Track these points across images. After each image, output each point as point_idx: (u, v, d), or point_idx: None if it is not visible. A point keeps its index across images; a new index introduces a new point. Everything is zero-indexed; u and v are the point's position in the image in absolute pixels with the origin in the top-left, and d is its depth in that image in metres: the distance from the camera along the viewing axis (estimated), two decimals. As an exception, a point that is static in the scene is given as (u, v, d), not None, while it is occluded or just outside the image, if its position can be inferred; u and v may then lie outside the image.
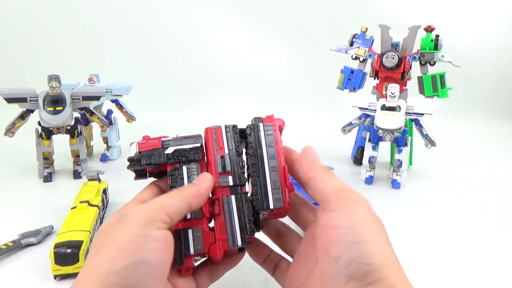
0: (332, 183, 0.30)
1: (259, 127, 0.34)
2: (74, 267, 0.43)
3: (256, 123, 0.35)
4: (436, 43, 0.76)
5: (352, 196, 0.29)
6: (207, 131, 0.36)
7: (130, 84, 0.89)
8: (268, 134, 0.34)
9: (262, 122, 0.35)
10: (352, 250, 0.25)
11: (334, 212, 0.28)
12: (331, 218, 0.28)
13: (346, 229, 0.26)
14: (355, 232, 0.26)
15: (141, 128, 1.16)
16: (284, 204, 0.32)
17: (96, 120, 0.81)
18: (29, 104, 0.74)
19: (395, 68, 0.76)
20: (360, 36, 0.82)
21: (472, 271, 0.47)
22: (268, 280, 0.45)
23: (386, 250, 0.26)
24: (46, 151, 0.76)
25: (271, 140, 0.34)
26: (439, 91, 0.77)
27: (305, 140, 1.11)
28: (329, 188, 0.30)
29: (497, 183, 0.80)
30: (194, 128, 0.35)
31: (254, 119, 0.35)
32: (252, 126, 0.34)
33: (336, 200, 0.28)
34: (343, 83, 0.82)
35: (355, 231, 0.26)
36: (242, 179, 0.33)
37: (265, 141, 0.34)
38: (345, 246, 0.26)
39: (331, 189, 0.29)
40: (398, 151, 0.74)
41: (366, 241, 0.26)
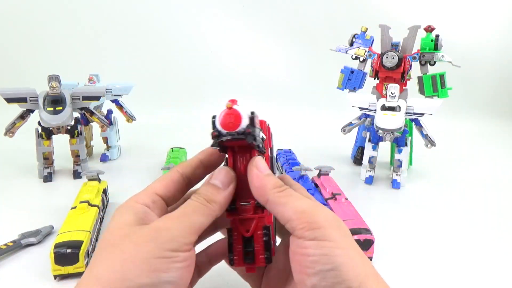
0: (291, 205, 0.27)
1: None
2: (74, 267, 0.43)
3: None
4: (436, 43, 0.76)
5: (316, 218, 0.26)
6: (262, 123, 0.31)
7: (130, 84, 0.89)
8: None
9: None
10: (328, 277, 0.24)
11: (302, 239, 0.26)
12: (301, 246, 0.26)
13: (317, 257, 0.25)
14: (328, 259, 0.25)
15: (141, 128, 1.16)
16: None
17: (96, 120, 0.81)
18: (29, 104, 0.74)
19: (395, 68, 0.76)
20: (360, 36, 0.82)
21: (472, 271, 0.47)
22: (268, 280, 0.45)
23: (361, 268, 0.25)
24: (46, 151, 0.76)
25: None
26: (439, 91, 0.77)
27: (305, 140, 1.11)
28: (288, 213, 0.27)
29: (497, 183, 0.80)
30: (194, 128, 0.35)
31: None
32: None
33: (300, 227, 0.26)
34: (343, 83, 0.82)
35: (327, 258, 0.25)
36: None
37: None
38: (320, 275, 0.25)
39: (292, 214, 0.26)
40: (398, 151, 0.74)
41: (340, 264, 0.25)
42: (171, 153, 0.83)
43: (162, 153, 0.88)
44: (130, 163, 0.89)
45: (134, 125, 0.96)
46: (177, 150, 0.84)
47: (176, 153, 0.82)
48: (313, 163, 0.92)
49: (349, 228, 0.46)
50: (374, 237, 0.48)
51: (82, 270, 0.44)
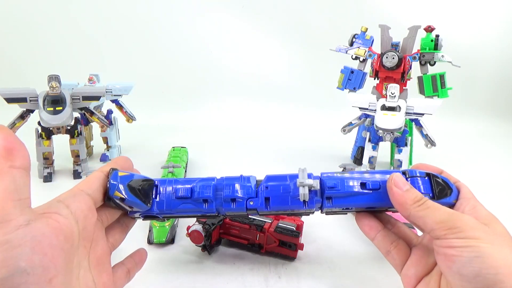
0: (431, 217, 0.30)
1: None
2: (74, 267, 0.43)
3: None
4: (436, 43, 0.76)
5: (457, 224, 0.28)
6: None
7: (130, 84, 0.89)
8: None
9: None
10: (474, 263, 0.26)
11: (446, 240, 0.28)
12: (445, 244, 0.28)
13: (461, 248, 0.27)
14: (472, 249, 0.27)
15: (141, 128, 1.16)
16: None
17: (96, 120, 0.81)
18: (29, 104, 0.74)
19: (395, 68, 0.76)
20: (360, 36, 0.82)
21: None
22: (268, 280, 0.45)
23: (510, 258, 0.26)
24: (46, 151, 0.76)
25: None
26: (439, 91, 0.77)
27: (305, 140, 1.11)
28: (430, 224, 0.30)
29: (497, 183, 0.80)
30: (194, 128, 0.35)
31: None
32: None
33: (443, 233, 0.29)
34: (343, 83, 0.82)
35: (471, 248, 0.27)
36: None
37: None
38: (465, 261, 0.27)
39: (433, 225, 0.29)
40: (398, 151, 0.74)
41: (486, 253, 0.26)
42: (172, 152, 0.83)
43: (162, 153, 0.88)
44: (130, 163, 0.89)
45: (134, 125, 0.96)
46: (178, 149, 0.84)
47: (177, 152, 0.82)
48: (313, 163, 0.92)
49: None
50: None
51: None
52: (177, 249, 0.51)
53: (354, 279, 0.46)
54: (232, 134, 1.20)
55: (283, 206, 0.34)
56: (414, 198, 0.31)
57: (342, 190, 0.33)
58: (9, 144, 0.24)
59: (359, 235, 0.56)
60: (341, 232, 0.57)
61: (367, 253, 0.52)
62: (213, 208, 0.34)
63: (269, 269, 0.47)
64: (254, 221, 0.49)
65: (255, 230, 0.48)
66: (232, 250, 0.51)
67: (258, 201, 0.34)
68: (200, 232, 0.47)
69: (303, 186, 0.33)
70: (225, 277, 0.45)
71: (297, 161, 0.90)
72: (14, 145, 0.24)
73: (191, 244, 0.49)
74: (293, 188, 0.34)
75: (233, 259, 0.49)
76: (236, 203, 0.34)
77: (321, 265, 0.48)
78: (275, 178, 0.35)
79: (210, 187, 0.34)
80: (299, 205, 0.34)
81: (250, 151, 1.01)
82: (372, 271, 0.48)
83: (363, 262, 0.50)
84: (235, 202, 0.34)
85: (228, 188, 0.35)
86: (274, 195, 0.34)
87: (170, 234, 0.52)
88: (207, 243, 0.48)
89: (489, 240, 0.27)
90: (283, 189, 0.34)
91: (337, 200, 0.33)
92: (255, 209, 0.34)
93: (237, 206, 0.34)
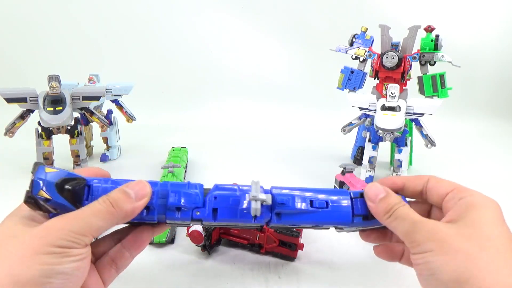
0: (399, 230, 0.29)
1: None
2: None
3: None
4: (436, 43, 0.76)
5: (414, 238, 0.28)
6: None
7: (130, 84, 0.89)
8: None
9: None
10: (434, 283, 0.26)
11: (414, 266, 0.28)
12: (416, 270, 0.28)
13: (422, 265, 0.27)
14: (427, 265, 0.26)
15: (141, 128, 1.16)
16: None
17: (96, 120, 0.81)
18: (29, 104, 0.74)
19: (395, 68, 0.76)
20: (360, 36, 0.82)
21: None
22: (268, 280, 0.45)
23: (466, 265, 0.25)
24: (46, 151, 0.76)
25: None
26: (439, 91, 0.77)
27: (305, 140, 1.11)
28: (399, 236, 0.29)
29: (497, 183, 0.80)
30: (194, 128, 0.35)
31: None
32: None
33: (409, 247, 0.28)
34: (343, 83, 0.82)
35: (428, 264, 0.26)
36: None
37: None
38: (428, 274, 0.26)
39: (401, 237, 0.29)
40: (398, 151, 0.74)
41: (438, 266, 0.26)
42: (172, 152, 0.83)
43: (162, 153, 0.88)
44: (130, 163, 0.89)
45: (134, 125, 0.96)
46: (178, 149, 0.84)
47: (177, 152, 0.81)
48: (313, 163, 0.92)
49: None
50: None
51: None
52: (177, 249, 0.51)
53: (354, 279, 0.46)
54: (232, 134, 1.20)
55: (231, 218, 0.32)
56: (384, 209, 0.30)
57: (292, 207, 0.32)
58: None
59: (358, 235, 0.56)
60: (341, 232, 0.57)
61: (367, 253, 0.52)
62: (154, 216, 0.31)
63: (269, 269, 0.47)
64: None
65: (255, 230, 0.48)
66: (232, 250, 0.51)
67: (205, 212, 0.32)
68: (200, 232, 0.47)
69: (256, 200, 0.31)
70: (225, 277, 0.45)
71: (297, 161, 0.90)
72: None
73: (191, 244, 0.49)
74: (244, 201, 0.32)
75: (233, 259, 0.49)
76: (181, 212, 0.31)
77: (321, 265, 0.48)
78: (225, 188, 0.33)
79: (154, 194, 0.31)
80: (248, 219, 0.32)
81: (250, 151, 1.01)
82: (372, 271, 0.48)
83: (363, 262, 0.50)
84: (180, 211, 0.31)
85: (173, 195, 0.31)
86: (223, 206, 0.32)
87: (170, 234, 0.52)
88: (207, 243, 0.48)
89: (442, 251, 0.26)
90: (233, 201, 0.32)
91: (285, 217, 0.33)
92: (200, 219, 0.32)
93: (182, 215, 0.31)
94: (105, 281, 0.31)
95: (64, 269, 0.25)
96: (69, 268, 0.25)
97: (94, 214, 0.27)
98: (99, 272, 0.31)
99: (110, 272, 0.32)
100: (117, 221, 0.28)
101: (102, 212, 0.27)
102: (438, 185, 0.32)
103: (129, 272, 0.46)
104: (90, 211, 0.27)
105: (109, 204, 0.28)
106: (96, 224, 0.27)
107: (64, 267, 0.25)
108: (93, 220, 0.27)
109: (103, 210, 0.27)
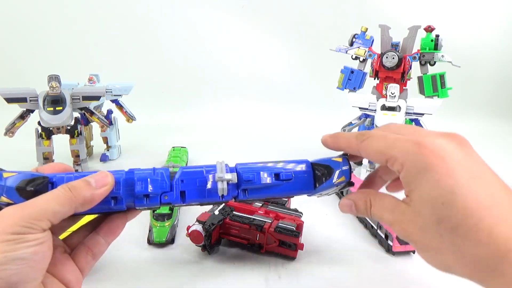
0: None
1: None
2: (74, 267, 0.43)
3: None
4: (436, 43, 0.76)
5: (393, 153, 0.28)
6: None
7: (130, 84, 0.89)
8: None
9: None
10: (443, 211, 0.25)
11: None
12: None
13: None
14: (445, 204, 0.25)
15: (141, 128, 1.16)
16: None
17: (96, 120, 0.81)
18: (29, 104, 0.74)
19: (395, 68, 0.76)
20: (360, 36, 0.82)
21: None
22: (268, 280, 0.45)
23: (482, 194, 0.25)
24: (46, 151, 0.76)
25: None
26: (439, 91, 0.77)
27: (305, 140, 1.11)
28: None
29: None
30: (193, 128, 0.35)
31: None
32: None
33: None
34: (343, 83, 0.82)
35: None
36: None
37: None
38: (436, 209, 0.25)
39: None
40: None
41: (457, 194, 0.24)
42: (172, 152, 0.83)
43: (162, 153, 0.88)
44: (130, 163, 0.89)
45: (134, 125, 0.96)
46: (178, 149, 0.84)
47: (177, 152, 0.82)
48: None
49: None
50: None
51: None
52: (177, 249, 0.51)
53: (354, 279, 0.46)
54: (232, 134, 1.20)
55: (199, 199, 0.34)
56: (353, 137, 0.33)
57: (257, 183, 0.34)
58: None
59: (359, 235, 0.56)
60: (341, 232, 0.57)
61: (367, 253, 0.52)
62: (123, 205, 0.32)
63: (269, 269, 0.47)
64: (254, 221, 0.49)
65: (255, 230, 0.48)
66: (232, 250, 0.51)
67: (173, 195, 0.33)
68: (200, 232, 0.47)
69: (222, 181, 0.33)
70: (225, 277, 0.45)
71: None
72: None
73: (191, 244, 0.49)
74: (210, 182, 0.34)
75: (233, 259, 0.49)
76: (150, 199, 0.32)
77: (321, 265, 0.48)
78: (190, 171, 0.34)
79: (120, 184, 0.31)
80: (216, 198, 0.34)
81: (250, 151, 1.01)
82: (372, 271, 0.48)
83: (363, 262, 0.50)
84: (148, 198, 0.32)
85: (140, 183, 0.32)
86: (190, 188, 0.33)
87: (170, 234, 0.52)
88: (207, 243, 0.48)
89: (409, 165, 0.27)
90: (200, 182, 0.34)
91: (252, 192, 0.34)
92: (169, 203, 0.33)
93: (150, 201, 0.32)
94: (83, 269, 0.32)
95: (20, 255, 0.25)
96: (26, 253, 0.25)
97: (50, 199, 0.28)
98: (76, 261, 0.32)
99: (87, 259, 0.32)
100: (76, 207, 0.28)
101: (59, 197, 0.28)
102: (372, 153, 0.31)
103: (129, 272, 0.46)
104: (46, 197, 0.28)
105: (67, 189, 0.28)
106: (52, 208, 0.27)
107: (20, 253, 0.25)
108: (49, 204, 0.27)
109: (60, 195, 0.28)
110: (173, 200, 0.33)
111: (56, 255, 0.30)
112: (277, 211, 0.52)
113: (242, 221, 0.49)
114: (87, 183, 0.29)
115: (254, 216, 0.50)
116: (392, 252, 0.50)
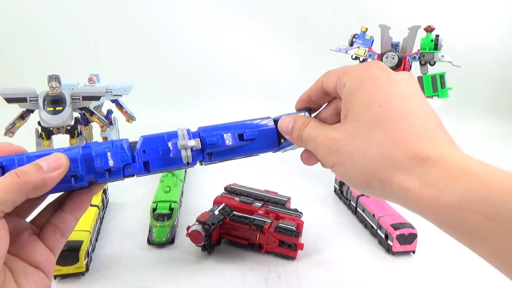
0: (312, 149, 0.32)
1: None
2: (74, 267, 0.43)
3: None
4: (436, 43, 0.76)
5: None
6: None
7: (130, 84, 0.89)
8: None
9: None
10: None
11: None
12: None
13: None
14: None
15: (141, 128, 1.16)
16: None
17: (96, 120, 0.81)
18: (29, 104, 0.74)
19: (395, 68, 0.76)
20: (360, 36, 0.82)
21: (473, 270, 0.47)
22: (267, 280, 0.45)
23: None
24: (46, 151, 0.76)
25: None
26: (439, 91, 0.77)
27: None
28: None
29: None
30: (194, 128, 0.35)
31: None
32: None
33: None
34: (343, 83, 0.82)
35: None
36: None
37: None
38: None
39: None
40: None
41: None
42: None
43: (162, 153, 0.88)
44: (130, 163, 0.89)
45: (134, 125, 0.96)
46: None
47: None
48: (313, 163, 0.92)
49: (390, 224, 0.48)
50: (416, 230, 0.49)
51: (82, 270, 0.44)
52: (177, 249, 0.51)
53: (353, 279, 0.46)
54: (232, 134, 1.20)
55: (164, 167, 0.33)
56: (296, 137, 0.33)
57: (222, 145, 0.34)
58: None
59: (359, 235, 0.56)
60: (341, 232, 0.57)
61: (367, 253, 0.52)
62: (84, 182, 0.31)
63: (269, 269, 0.47)
64: (254, 221, 0.49)
65: (255, 230, 0.48)
66: (232, 250, 0.51)
67: (136, 167, 0.32)
68: (200, 232, 0.47)
69: (186, 148, 0.32)
70: (225, 277, 0.45)
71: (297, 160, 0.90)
72: None
73: (191, 244, 0.49)
74: (174, 149, 0.33)
75: (233, 259, 0.49)
76: (112, 173, 0.31)
77: (321, 265, 0.48)
78: (152, 140, 0.34)
79: (78, 161, 0.30)
80: (181, 164, 0.33)
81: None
82: (372, 271, 0.48)
83: (363, 262, 0.50)
84: (110, 172, 0.31)
85: (99, 158, 0.31)
86: (153, 158, 0.33)
87: (170, 234, 0.52)
88: (207, 243, 0.48)
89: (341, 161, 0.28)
90: (162, 150, 0.33)
91: (217, 155, 0.34)
92: (133, 174, 0.32)
93: (112, 175, 0.31)
94: (53, 248, 0.31)
95: None
96: None
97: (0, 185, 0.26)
98: (44, 241, 0.31)
99: (55, 237, 0.32)
100: (27, 193, 0.27)
101: (6, 185, 0.26)
102: (328, 81, 0.33)
103: (129, 272, 0.46)
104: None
105: (14, 175, 0.27)
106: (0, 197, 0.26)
107: None
108: None
109: (7, 182, 0.26)
110: (137, 171, 0.32)
111: (23, 238, 0.30)
112: (277, 211, 0.52)
113: (242, 221, 0.49)
114: (38, 167, 0.28)
115: (254, 216, 0.50)
116: (392, 252, 0.50)
